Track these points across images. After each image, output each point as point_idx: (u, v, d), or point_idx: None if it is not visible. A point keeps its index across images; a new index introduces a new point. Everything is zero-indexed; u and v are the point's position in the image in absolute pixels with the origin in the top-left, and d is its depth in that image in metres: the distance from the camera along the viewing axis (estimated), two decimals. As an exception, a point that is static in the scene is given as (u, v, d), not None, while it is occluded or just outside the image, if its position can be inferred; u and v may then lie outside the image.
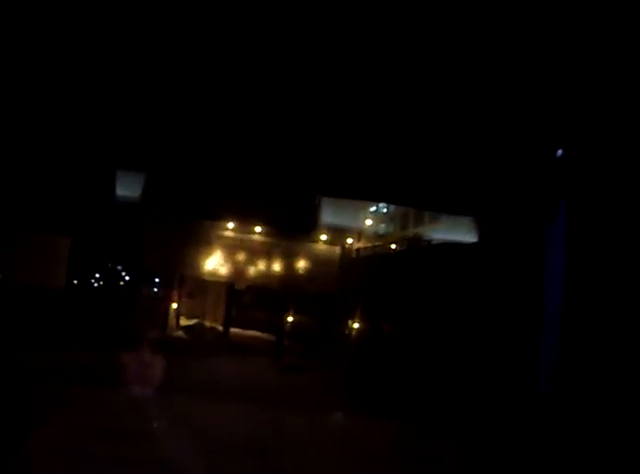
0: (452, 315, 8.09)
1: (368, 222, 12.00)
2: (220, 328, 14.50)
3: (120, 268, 15.31)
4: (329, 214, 8.80)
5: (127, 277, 15.60)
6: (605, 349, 4.46)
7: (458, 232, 6.57)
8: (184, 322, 15.54)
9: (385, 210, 11.78)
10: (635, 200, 4.44)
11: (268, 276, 12.16)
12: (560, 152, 4.89)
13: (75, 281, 13.50)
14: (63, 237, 11.06)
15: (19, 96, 4.80)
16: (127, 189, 7.03)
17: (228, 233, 11.91)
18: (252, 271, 12.18)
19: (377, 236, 12.13)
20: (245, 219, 10.82)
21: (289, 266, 11.82)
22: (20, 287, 10.09)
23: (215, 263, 12.19)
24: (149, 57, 4.64)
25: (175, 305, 15.03)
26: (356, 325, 12.31)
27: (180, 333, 14.53)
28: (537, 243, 5.03)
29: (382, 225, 11.88)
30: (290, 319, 14.86)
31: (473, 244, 7.01)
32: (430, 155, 5.31)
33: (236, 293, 16.43)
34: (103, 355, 9.05)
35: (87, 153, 5.32)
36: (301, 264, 11.72)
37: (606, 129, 4.62)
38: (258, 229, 11.53)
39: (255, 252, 12.08)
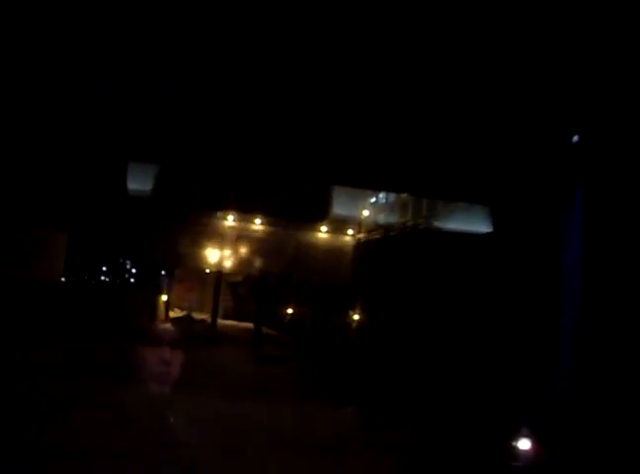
0: (445, 306, 7.98)
1: (367, 213, 11.90)
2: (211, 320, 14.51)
3: (128, 262, 15.28)
4: (334, 205, 8.71)
5: (134, 271, 15.60)
6: (624, 341, 4.40)
7: (471, 222, 6.51)
8: (174, 314, 15.52)
9: (385, 201, 11.65)
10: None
11: (269, 267, 12.05)
12: (576, 138, 4.84)
13: (74, 276, 13.48)
14: (60, 232, 11.02)
15: (20, 89, 4.71)
16: (139, 182, 6.93)
17: (231, 224, 11.79)
18: (254, 262, 12.07)
19: (377, 226, 12.01)
20: (250, 210, 10.69)
21: (294, 257, 11.69)
22: (16, 282, 10.13)
23: (217, 255, 12.09)
24: (156, 49, 4.56)
25: (165, 298, 14.98)
26: (352, 316, 12.26)
27: (168, 325, 14.50)
28: (554, 232, 4.96)
29: (382, 215, 11.76)
30: (290, 311, 14.81)
31: (475, 233, 6.99)
32: (444, 143, 5.24)
33: (233, 285, 16.32)
34: (84, 345, 9.27)
35: (91, 147, 5.25)
36: (307, 255, 11.59)
37: (623, 115, 4.56)
38: (259, 220, 11.42)
39: (258, 243, 11.96)
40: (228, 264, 12.40)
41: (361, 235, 12.40)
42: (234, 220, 11.58)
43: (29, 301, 9.96)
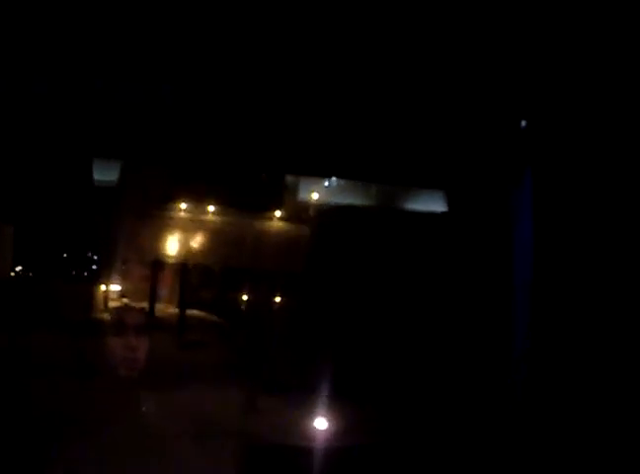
0: (395, 287, 8.06)
1: (317, 196, 11.94)
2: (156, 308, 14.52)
3: (90, 254, 15.09)
4: (290, 191, 8.75)
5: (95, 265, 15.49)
6: (578, 319, 4.58)
7: (426, 202, 6.66)
8: (115, 304, 15.48)
9: (336, 184, 11.75)
10: (601, 169, 4.57)
11: (219, 255, 12.09)
12: (524, 123, 4.99)
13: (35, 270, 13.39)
14: (4, 225, 10.90)
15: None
16: (105, 173, 6.88)
17: (184, 215, 11.76)
18: (204, 251, 12.11)
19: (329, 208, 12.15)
20: (203, 201, 10.68)
21: (245, 245, 11.74)
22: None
23: (169, 244, 12.09)
24: (121, 43, 4.53)
25: (103, 288, 14.91)
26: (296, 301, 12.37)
27: (105, 315, 14.48)
28: (505, 213, 5.13)
29: (334, 198, 11.83)
30: (245, 298, 14.91)
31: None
32: (391, 127, 5.33)
33: (184, 273, 16.26)
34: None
35: (50, 139, 5.22)
36: (259, 242, 11.64)
37: (570, 99, 4.73)
38: (212, 208, 11.43)
39: (210, 233, 11.99)
40: (179, 253, 12.39)
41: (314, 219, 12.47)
42: (186, 211, 11.58)
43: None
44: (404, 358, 7.33)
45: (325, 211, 8.59)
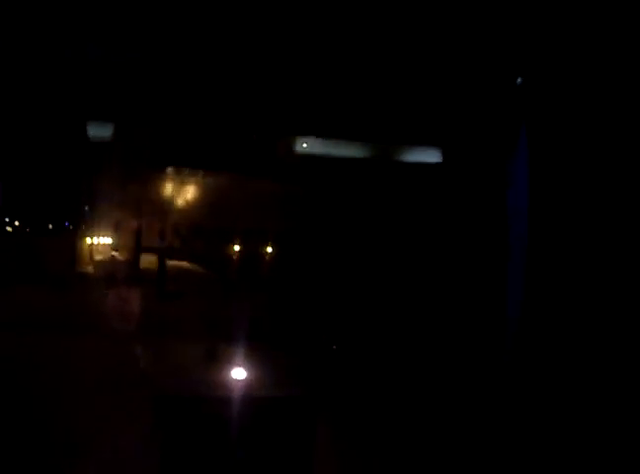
0: (386, 239, 8.00)
1: (305, 146, 11.77)
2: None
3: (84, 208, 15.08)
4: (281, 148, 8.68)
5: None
6: (573, 286, 4.60)
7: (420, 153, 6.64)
8: (100, 257, 15.58)
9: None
10: (598, 128, 4.53)
11: (209, 214, 12.19)
12: (520, 80, 4.93)
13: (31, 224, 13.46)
14: None
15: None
16: (100, 130, 6.83)
17: (179, 176, 11.81)
18: (194, 209, 12.20)
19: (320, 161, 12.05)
20: (197, 160, 10.62)
21: (233, 205, 11.82)
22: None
23: (160, 201, 12.16)
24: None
25: (89, 241, 14.97)
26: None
27: (89, 268, 14.61)
28: (500, 170, 5.11)
29: (326, 151, 11.67)
30: (237, 249, 15.00)
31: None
32: (385, 82, 5.27)
33: (175, 227, 16.31)
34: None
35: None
36: (247, 202, 11.67)
37: (567, 54, 4.66)
38: (204, 169, 11.44)
39: (200, 191, 12.09)
40: (170, 209, 12.47)
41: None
42: (180, 173, 11.61)
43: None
44: (396, 309, 7.39)
45: (317, 164, 8.55)
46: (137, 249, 14.33)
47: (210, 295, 11.19)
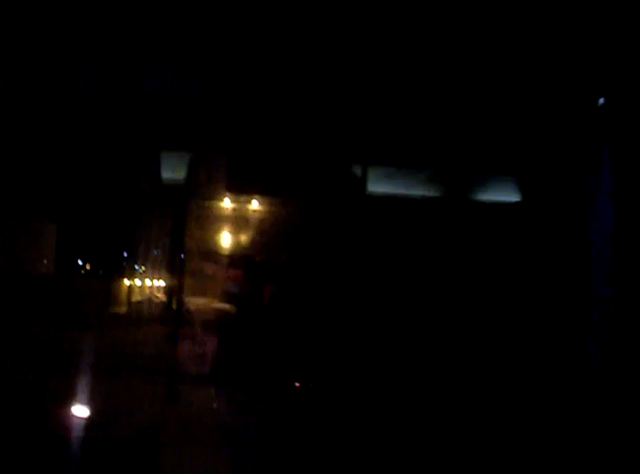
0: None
1: (382, 188, 11.56)
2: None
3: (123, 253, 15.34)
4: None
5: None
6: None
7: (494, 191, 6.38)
8: (138, 298, 15.69)
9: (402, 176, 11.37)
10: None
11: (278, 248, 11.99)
12: (602, 101, 4.64)
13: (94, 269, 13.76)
14: (47, 223, 11.36)
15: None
16: (173, 171, 7.02)
17: (253, 208, 11.75)
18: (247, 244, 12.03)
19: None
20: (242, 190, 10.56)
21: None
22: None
23: (221, 239, 12.06)
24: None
25: (128, 282, 15.08)
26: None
27: (123, 308, 14.75)
28: (582, 199, 4.79)
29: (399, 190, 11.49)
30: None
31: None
32: (458, 108, 5.07)
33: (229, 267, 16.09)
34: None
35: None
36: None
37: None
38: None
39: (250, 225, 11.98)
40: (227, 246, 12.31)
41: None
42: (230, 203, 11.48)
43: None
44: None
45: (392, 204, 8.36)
46: (171, 291, 14.26)
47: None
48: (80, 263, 14.45)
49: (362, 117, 5.14)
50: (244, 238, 12.81)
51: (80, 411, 5.76)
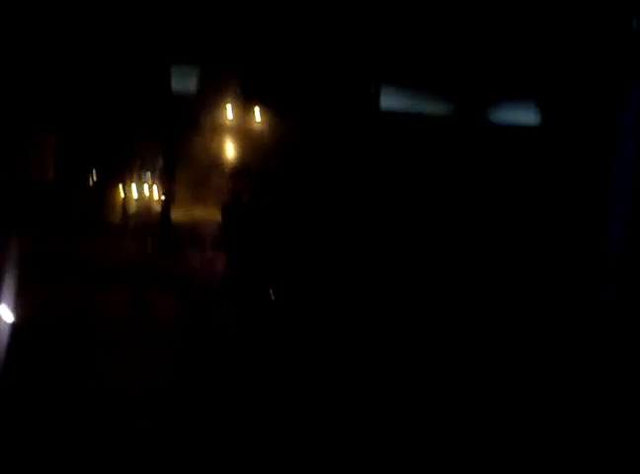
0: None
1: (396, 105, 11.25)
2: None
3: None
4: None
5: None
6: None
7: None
8: (134, 209, 15.50)
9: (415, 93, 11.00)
10: None
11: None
12: (636, 22, 4.31)
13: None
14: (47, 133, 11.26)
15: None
16: (183, 83, 6.94)
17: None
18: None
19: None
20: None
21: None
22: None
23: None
24: None
25: (123, 193, 14.91)
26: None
27: (118, 218, 14.61)
28: (605, 131, 4.54)
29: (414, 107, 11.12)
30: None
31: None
32: (480, 23, 4.78)
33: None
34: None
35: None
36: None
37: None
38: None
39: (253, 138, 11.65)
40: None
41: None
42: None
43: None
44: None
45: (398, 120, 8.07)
46: (167, 200, 14.09)
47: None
48: (80, 172, 14.37)
49: (377, 32, 4.89)
50: (246, 150, 12.63)
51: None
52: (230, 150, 12.05)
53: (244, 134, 11.42)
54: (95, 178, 14.48)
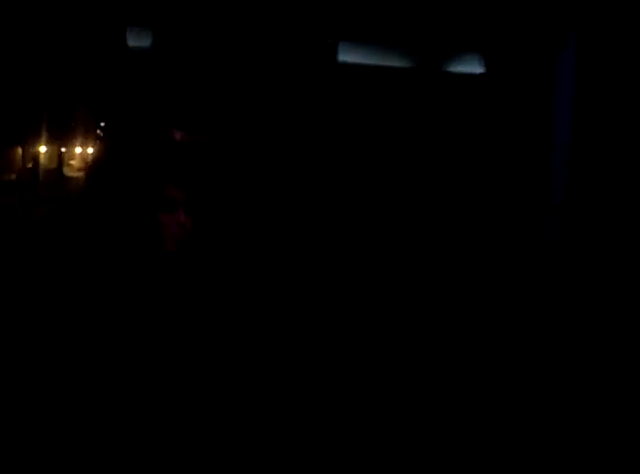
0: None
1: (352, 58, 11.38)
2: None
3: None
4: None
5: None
6: (611, 184, 4.56)
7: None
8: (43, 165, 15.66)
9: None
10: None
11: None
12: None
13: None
14: None
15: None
16: (140, 39, 6.80)
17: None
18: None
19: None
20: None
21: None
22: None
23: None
24: None
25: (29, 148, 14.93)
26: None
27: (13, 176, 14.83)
28: (545, 75, 4.99)
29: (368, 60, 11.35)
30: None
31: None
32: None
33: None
34: None
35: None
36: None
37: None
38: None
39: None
40: None
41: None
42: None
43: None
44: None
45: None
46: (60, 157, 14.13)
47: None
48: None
49: None
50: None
51: None
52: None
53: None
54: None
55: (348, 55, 8.44)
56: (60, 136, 14.82)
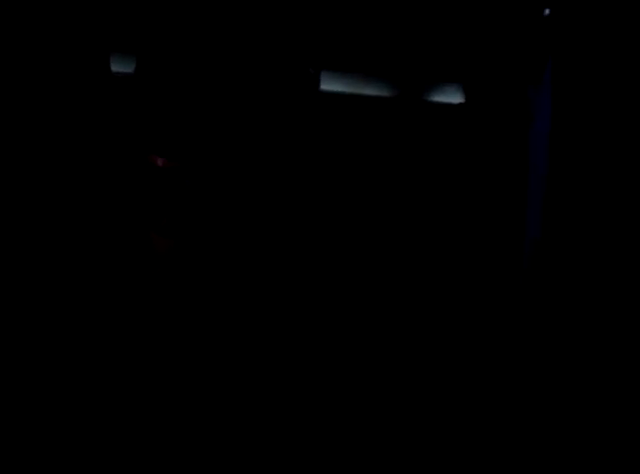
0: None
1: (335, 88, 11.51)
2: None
3: None
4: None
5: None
6: (591, 216, 4.60)
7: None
8: None
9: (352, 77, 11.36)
10: (625, 66, 4.45)
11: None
12: (547, 11, 4.83)
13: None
14: None
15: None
16: (123, 64, 6.80)
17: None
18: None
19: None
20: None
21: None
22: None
23: None
24: None
25: None
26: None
27: None
28: (523, 105, 5.06)
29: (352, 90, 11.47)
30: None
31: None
32: (401, 13, 5.22)
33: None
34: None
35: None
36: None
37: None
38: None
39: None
40: None
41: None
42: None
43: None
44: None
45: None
46: None
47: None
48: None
49: (315, 19, 5.21)
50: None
51: None
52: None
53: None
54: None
55: (330, 84, 8.55)
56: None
